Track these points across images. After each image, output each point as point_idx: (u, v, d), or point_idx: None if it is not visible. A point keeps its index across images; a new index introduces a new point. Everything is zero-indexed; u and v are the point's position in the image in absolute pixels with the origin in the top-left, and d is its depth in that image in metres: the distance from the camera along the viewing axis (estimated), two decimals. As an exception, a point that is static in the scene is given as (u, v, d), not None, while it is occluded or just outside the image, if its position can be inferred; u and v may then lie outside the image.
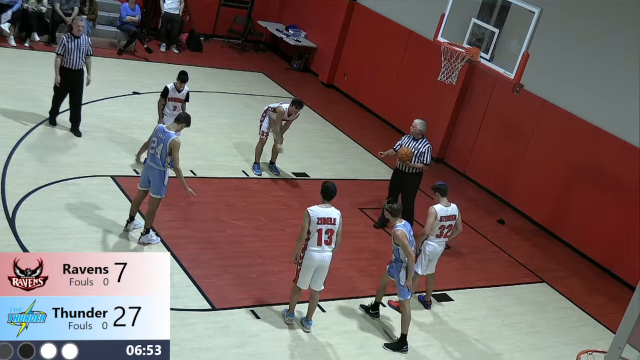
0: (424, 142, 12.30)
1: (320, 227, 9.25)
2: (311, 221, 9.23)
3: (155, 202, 10.41)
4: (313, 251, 9.31)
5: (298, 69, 20.42)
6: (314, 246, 9.29)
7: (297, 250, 9.45)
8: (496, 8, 12.46)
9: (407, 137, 12.45)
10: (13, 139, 12.40)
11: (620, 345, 6.62)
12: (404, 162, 12.31)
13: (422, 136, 12.33)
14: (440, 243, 10.55)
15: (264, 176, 13.62)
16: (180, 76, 12.46)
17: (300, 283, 9.52)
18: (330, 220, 9.30)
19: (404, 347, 9.82)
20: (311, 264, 9.36)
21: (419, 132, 12.30)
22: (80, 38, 12.80)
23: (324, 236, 9.27)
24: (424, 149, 12.26)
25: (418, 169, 12.37)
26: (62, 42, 12.75)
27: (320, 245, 9.29)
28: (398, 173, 12.61)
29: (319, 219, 9.24)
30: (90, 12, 17.36)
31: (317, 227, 9.24)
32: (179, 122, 10.46)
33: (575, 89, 14.31)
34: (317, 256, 9.33)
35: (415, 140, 12.32)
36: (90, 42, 13.22)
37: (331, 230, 9.31)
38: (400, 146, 12.38)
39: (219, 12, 20.88)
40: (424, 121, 12.44)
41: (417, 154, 12.24)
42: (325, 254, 9.36)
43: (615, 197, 13.63)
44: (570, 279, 13.21)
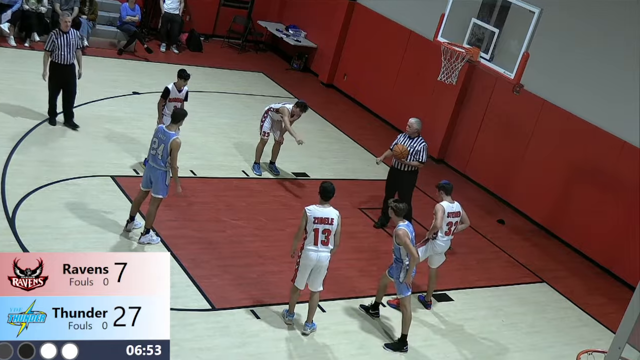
0: (419, 141, 12.37)
1: (317, 226, 9.26)
2: (308, 220, 9.25)
3: (156, 202, 10.41)
4: (309, 250, 9.32)
5: (298, 69, 20.42)
6: (311, 245, 9.30)
7: (293, 247, 9.50)
8: (496, 8, 12.46)
9: (403, 136, 12.53)
10: (13, 139, 12.40)
11: (620, 345, 6.62)
12: (399, 159, 12.38)
13: (418, 134, 12.40)
14: (447, 242, 10.62)
15: (264, 176, 13.61)
16: (181, 74, 12.39)
17: (298, 282, 9.53)
18: (327, 220, 9.30)
19: (404, 348, 9.82)
20: (308, 263, 9.37)
21: (415, 130, 12.36)
22: (69, 33, 12.81)
23: (320, 236, 9.28)
24: (419, 147, 12.33)
25: (414, 167, 12.42)
26: (51, 38, 12.79)
27: (317, 245, 9.29)
28: (394, 171, 12.68)
29: (316, 218, 9.25)
30: (90, 12, 17.36)
31: (314, 227, 9.25)
32: (177, 120, 10.41)
33: (575, 89, 14.30)
34: (313, 255, 9.33)
35: (411, 139, 12.38)
36: (81, 35, 13.21)
37: (328, 230, 9.31)
38: (396, 144, 12.44)
39: (219, 12, 20.88)
40: (420, 120, 12.50)
41: (413, 152, 12.30)
42: (321, 254, 9.35)
43: (616, 197, 13.63)
44: (570, 279, 13.21)
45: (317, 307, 9.79)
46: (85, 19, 17.11)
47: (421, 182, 15.08)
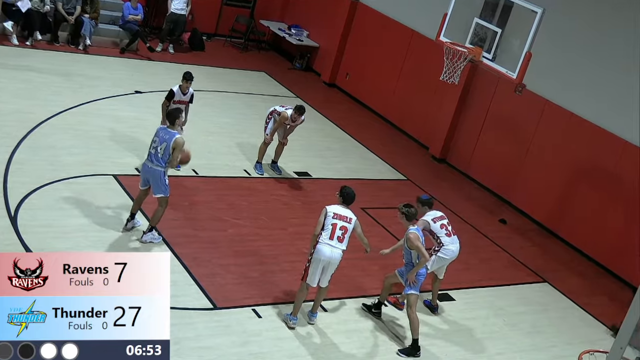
0: None
1: (335, 221, 9.46)
2: (327, 215, 9.46)
3: (163, 202, 10.45)
4: (324, 244, 9.40)
5: (300, 68, 20.41)
6: (327, 240, 9.41)
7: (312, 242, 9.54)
8: (499, 8, 12.45)
9: None
10: (15, 138, 12.41)
11: (622, 345, 6.62)
12: None
13: None
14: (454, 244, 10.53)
15: (265, 175, 13.61)
16: (186, 76, 12.41)
17: (310, 280, 9.55)
18: (345, 218, 9.52)
19: (417, 353, 9.80)
20: (320, 258, 9.42)
21: None
22: None
23: (337, 231, 9.43)
24: None
25: None
26: None
27: (332, 239, 9.40)
28: None
29: (335, 214, 9.50)
30: (93, 11, 17.35)
31: (332, 222, 9.45)
32: (173, 121, 10.42)
33: (577, 89, 14.28)
34: (327, 251, 9.40)
35: None
36: None
37: (345, 227, 9.48)
38: None
39: (221, 11, 20.88)
40: None
41: None
42: (335, 251, 9.44)
43: (617, 196, 13.61)
44: (571, 279, 13.20)
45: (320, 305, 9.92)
46: (87, 18, 17.11)
47: (422, 182, 15.14)
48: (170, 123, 10.44)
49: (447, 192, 15.14)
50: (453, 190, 15.41)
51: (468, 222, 14.06)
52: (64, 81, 15.21)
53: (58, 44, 16.98)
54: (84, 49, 17.11)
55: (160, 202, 10.46)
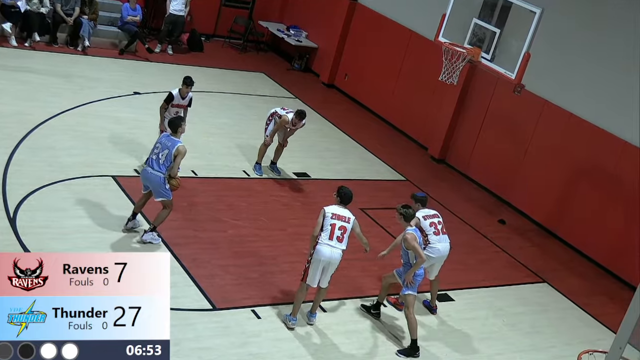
0: None
1: (334, 221, 9.49)
2: (325, 216, 9.49)
3: (168, 204, 10.46)
4: (324, 244, 9.42)
5: (299, 69, 20.41)
6: (326, 240, 9.43)
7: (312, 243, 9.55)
8: (497, 8, 12.44)
9: None
10: (14, 139, 12.40)
11: (621, 345, 6.62)
12: None
13: None
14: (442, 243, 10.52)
15: (264, 176, 13.61)
16: (186, 81, 12.37)
17: (310, 280, 9.56)
18: (344, 218, 9.56)
19: (416, 353, 9.81)
20: (320, 258, 9.44)
21: None
22: None
23: (336, 232, 9.46)
24: None
25: None
26: None
27: (332, 240, 9.43)
28: None
29: (334, 214, 9.53)
30: (91, 12, 17.35)
31: (331, 222, 9.48)
32: (175, 129, 10.46)
33: (576, 89, 14.29)
34: (326, 251, 9.42)
35: None
36: None
37: (344, 227, 9.52)
38: None
39: (220, 12, 20.88)
40: None
41: None
42: (335, 251, 9.47)
43: (616, 197, 13.62)
44: (571, 279, 13.20)
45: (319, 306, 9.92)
46: (86, 19, 17.11)
47: (421, 183, 15.14)
48: (172, 131, 10.49)
49: (446, 192, 15.14)
50: (452, 191, 15.41)
51: (467, 222, 14.07)
52: (63, 82, 15.21)
53: (57, 45, 16.97)
54: (83, 50, 17.11)
55: (165, 205, 10.47)
